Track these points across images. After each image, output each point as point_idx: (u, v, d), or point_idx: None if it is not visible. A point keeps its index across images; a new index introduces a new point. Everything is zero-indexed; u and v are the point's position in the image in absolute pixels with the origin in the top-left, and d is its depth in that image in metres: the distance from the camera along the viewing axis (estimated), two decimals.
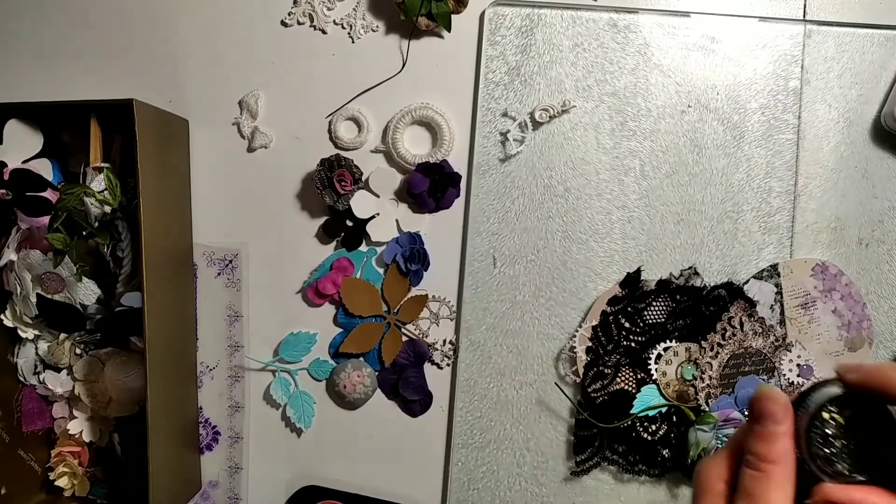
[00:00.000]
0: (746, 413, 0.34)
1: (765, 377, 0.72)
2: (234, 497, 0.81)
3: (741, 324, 0.72)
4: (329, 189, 0.74)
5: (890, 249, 0.72)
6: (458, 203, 0.75)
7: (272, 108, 0.78)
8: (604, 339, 0.73)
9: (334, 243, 0.78)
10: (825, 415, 0.31)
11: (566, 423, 0.75)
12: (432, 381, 0.77)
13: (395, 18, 0.74)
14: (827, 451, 0.31)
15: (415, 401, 0.77)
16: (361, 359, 0.78)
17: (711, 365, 0.71)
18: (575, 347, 0.73)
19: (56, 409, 0.81)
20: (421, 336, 0.77)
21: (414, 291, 0.77)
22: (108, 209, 0.72)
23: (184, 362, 0.78)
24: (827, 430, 0.31)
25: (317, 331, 0.79)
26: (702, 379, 0.71)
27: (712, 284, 0.73)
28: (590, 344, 0.73)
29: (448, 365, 0.77)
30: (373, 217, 0.76)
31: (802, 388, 0.33)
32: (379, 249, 0.77)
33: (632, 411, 0.72)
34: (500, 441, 0.76)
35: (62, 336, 0.77)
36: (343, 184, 0.73)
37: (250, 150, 0.78)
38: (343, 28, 0.76)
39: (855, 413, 0.31)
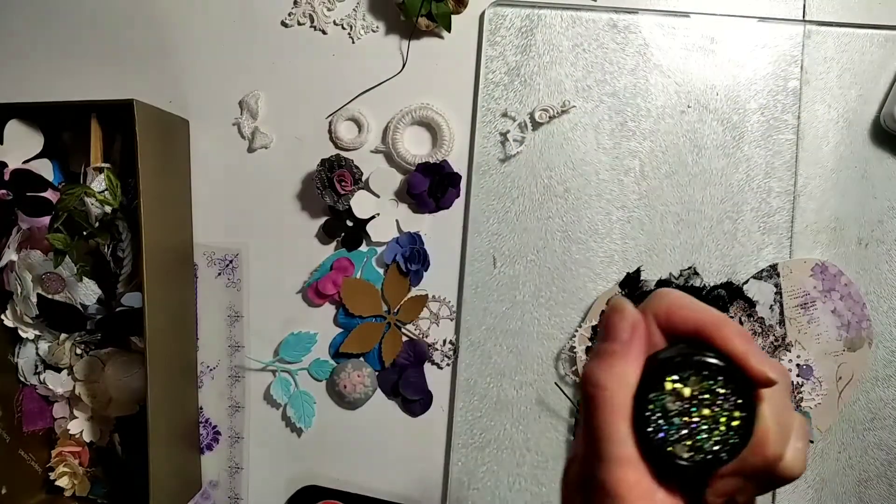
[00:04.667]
0: None
1: None
2: (235, 497, 0.81)
3: (741, 323, 0.72)
4: (329, 189, 0.74)
5: (889, 249, 0.72)
6: (458, 203, 0.75)
7: (272, 108, 0.78)
8: None
9: (334, 243, 0.78)
10: (668, 385, 0.25)
11: (566, 423, 0.75)
12: (432, 381, 0.77)
13: (395, 19, 0.75)
14: (665, 428, 0.25)
15: (415, 401, 0.77)
16: (361, 359, 0.78)
17: None
18: (575, 347, 0.73)
19: (56, 409, 0.81)
20: (421, 336, 0.77)
21: (414, 291, 0.77)
22: (108, 209, 0.72)
23: (184, 362, 0.78)
24: (668, 403, 0.25)
25: (317, 331, 0.79)
26: None
27: (712, 284, 0.73)
28: (590, 344, 0.73)
29: (448, 365, 0.77)
30: (373, 217, 0.76)
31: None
32: (379, 249, 0.77)
33: None
34: (500, 441, 0.76)
35: (63, 336, 0.77)
36: (343, 184, 0.73)
37: (250, 150, 0.79)
38: (343, 28, 0.76)
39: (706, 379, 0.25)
